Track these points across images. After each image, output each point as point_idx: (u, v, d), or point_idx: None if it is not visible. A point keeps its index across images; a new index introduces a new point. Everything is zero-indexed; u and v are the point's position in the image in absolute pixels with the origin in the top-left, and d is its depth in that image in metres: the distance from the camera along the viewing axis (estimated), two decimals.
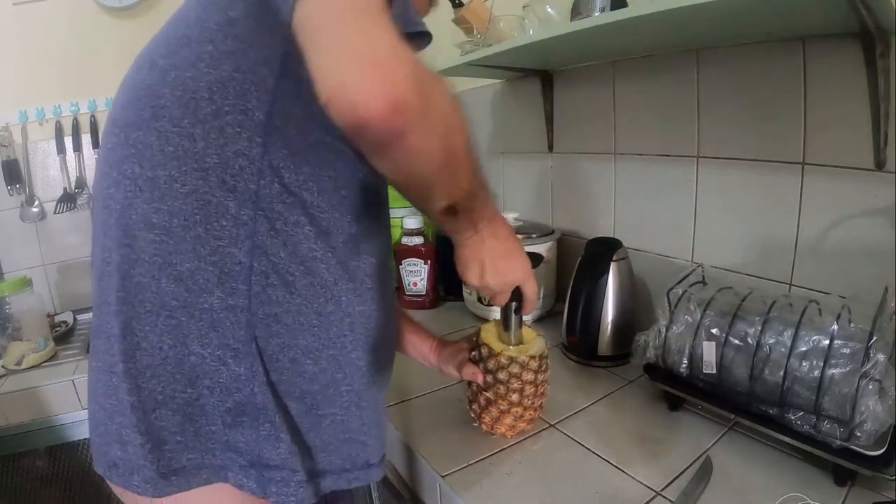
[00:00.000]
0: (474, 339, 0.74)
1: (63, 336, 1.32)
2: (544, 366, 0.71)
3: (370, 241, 0.55)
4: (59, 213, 1.51)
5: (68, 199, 1.51)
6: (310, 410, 0.52)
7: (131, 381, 0.49)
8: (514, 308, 0.69)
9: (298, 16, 0.38)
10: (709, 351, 0.70)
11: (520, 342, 0.71)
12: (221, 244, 0.47)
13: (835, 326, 0.60)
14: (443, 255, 1.29)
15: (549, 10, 0.92)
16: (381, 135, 0.37)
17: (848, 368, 0.58)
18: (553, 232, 1.14)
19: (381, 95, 0.35)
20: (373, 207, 0.55)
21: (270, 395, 0.50)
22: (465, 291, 1.22)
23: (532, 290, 0.65)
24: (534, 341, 0.72)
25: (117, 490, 0.54)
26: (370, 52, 0.35)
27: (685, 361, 0.73)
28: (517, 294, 0.67)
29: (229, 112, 0.46)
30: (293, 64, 0.45)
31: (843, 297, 0.66)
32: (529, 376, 0.69)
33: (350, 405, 0.55)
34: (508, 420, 0.70)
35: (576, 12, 0.82)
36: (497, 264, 0.59)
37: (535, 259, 0.64)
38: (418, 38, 0.47)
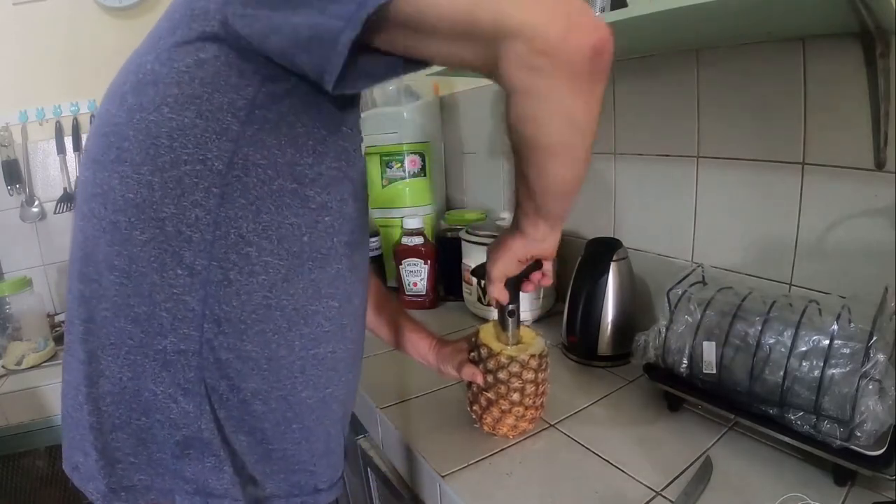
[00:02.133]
0: (473, 339, 0.74)
1: (63, 336, 1.32)
2: (544, 365, 0.71)
3: (333, 286, 0.54)
4: (59, 213, 1.51)
5: (68, 199, 1.51)
6: (259, 443, 0.53)
7: (92, 404, 0.51)
8: (508, 311, 0.69)
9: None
10: (709, 351, 0.70)
11: (518, 342, 0.72)
12: (175, 292, 0.48)
13: (835, 326, 0.60)
14: (443, 255, 1.29)
15: None
16: (609, 61, 0.39)
17: (848, 368, 0.58)
18: None
19: (600, 29, 0.38)
20: (345, 249, 0.54)
21: (217, 430, 0.50)
22: (465, 291, 1.22)
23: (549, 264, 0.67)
24: (533, 341, 0.72)
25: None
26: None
27: (685, 361, 0.73)
28: (515, 295, 0.67)
29: (187, 161, 0.45)
30: (260, 110, 0.46)
31: (843, 297, 0.66)
32: (530, 375, 0.69)
33: (300, 440, 0.55)
34: (510, 420, 0.70)
35: None
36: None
37: (535, 264, 0.65)
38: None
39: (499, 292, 0.65)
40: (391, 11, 0.37)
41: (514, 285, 0.66)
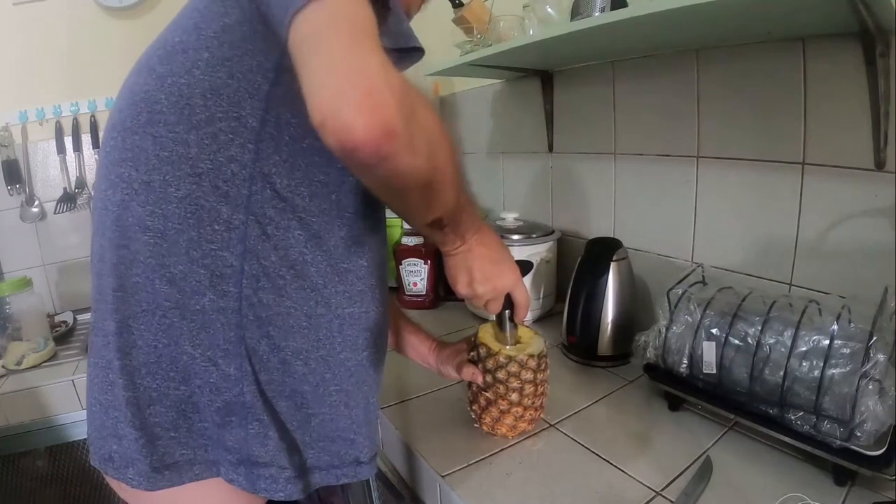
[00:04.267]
0: (472, 339, 0.74)
1: (63, 336, 1.32)
2: (543, 365, 0.71)
3: (362, 244, 0.56)
4: (59, 213, 1.51)
5: (68, 199, 1.51)
6: (299, 409, 0.53)
7: (127, 378, 0.50)
8: (507, 315, 0.69)
9: (293, 38, 0.39)
10: (709, 351, 0.70)
11: (517, 342, 0.71)
12: (213, 248, 0.48)
13: (835, 326, 0.60)
14: (442, 256, 1.29)
15: (549, 10, 0.92)
16: (369, 158, 0.37)
17: (848, 368, 0.58)
18: (553, 232, 1.14)
19: (369, 123, 0.36)
20: (367, 210, 0.56)
21: (259, 394, 0.50)
22: None
23: (522, 296, 0.65)
24: (532, 341, 0.72)
25: (113, 483, 0.55)
26: (360, 80, 0.36)
27: (685, 361, 0.73)
28: (509, 301, 0.66)
29: (222, 118, 0.47)
30: (287, 73, 0.46)
31: (843, 297, 0.66)
32: (529, 375, 0.69)
33: (339, 404, 0.55)
34: (509, 420, 0.70)
35: (576, 12, 0.82)
36: (486, 270, 0.60)
37: (525, 266, 0.64)
38: (412, 52, 0.48)
39: (497, 306, 0.65)
40: None
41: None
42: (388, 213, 0.59)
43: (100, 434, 0.53)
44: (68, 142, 1.49)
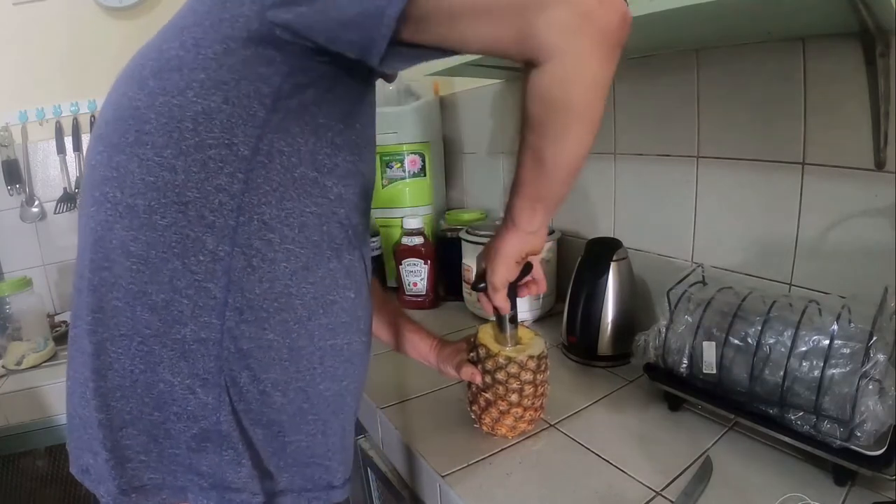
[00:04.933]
0: (472, 339, 0.74)
1: (63, 336, 1.32)
2: (543, 366, 0.71)
3: (349, 276, 0.55)
4: (59, 213, 1.51)
5: (68, 199, 1.51)
6: (275, 437, 0.53)
7: (100, 400, 0.49)
8: (509, 317, 0.68)
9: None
10: (709, 351, 0.70)
11: (517, 343, 0.71)
12: (197, 279, 0.47)
13: (835, 326, 0.60)
14: (443, 256, 1.29)
15: None
16: (612, 37, 0.40)
17: (848, 368, 0.58)
18: (553, 232, 1.14)
19: (623, 4, 0.40)
20: (354, 241, 0.55)
21: (235, 423, 0.50)
22: (465, 291, 1.22)
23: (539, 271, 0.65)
24: (532, 342, 0.72)
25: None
26: None
27: (685, 361, 0.73)
28: (513, 301, 0.66)
29: (213, 145, 0.46)
30: (287, 99, 0.46)
31: (843, 297, 0.66)
32: (528, 376, 0.69)
33: (316, 433, 0.55)
34: (509, 421, 0.70)
35: None
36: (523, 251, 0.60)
37: (525, 267, 0.64)
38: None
39: (503, 300, 0.64)
40: None
41: (511, 291, 0.66)
42: (388, 215, 0.59)
43: (77, 444, 0.53)
44: (68, 142, 1.49)
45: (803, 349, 0.62)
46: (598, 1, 0.39)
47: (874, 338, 0.57)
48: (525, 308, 1.09)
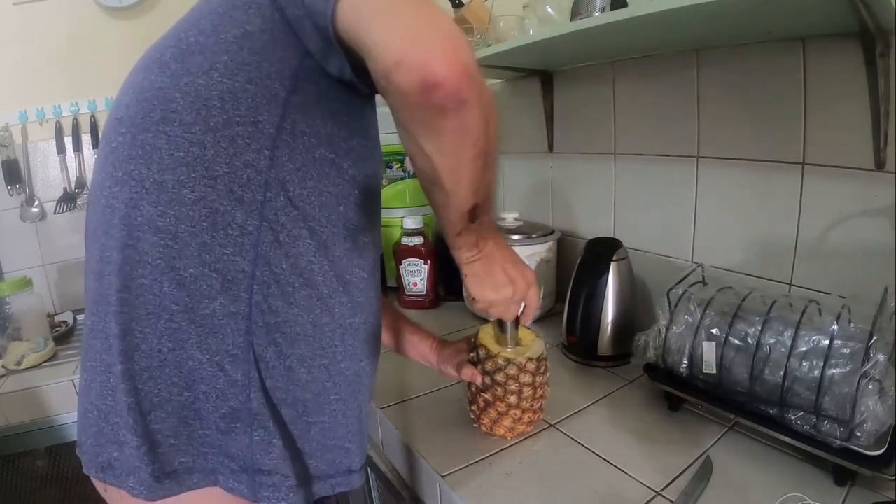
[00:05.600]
0: (473, 340, 0.74)
1: (63, 336, 1.32)
2: (543, 368, 0.71)
3: (363, 257, 0.57)
4: (59, 213, 1.51)
5: (68, 199, 1.51)
6: (300, 417, 0.53)
7: (129, 383, 0.49)
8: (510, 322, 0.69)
9: (345, 5, 0.40)
10: (709, 351, 0.70)
11: (517, 344, 0.71)
12: (226, 252, 0.48)
13: (835, 326, 0.60)
14: (443, 255, 1.29)
15: (549, 10, 0.92)
16: (449, 98, 0.38)
17: (848, 368, 0.58)
18: (553, 232, 1.14)
19: (453, 61, 0.37)
20: (368, 223, 0.56)
21: (265, 401, 0.50)
22: (465, 291, 1.22)
23: (536, 296, 0.65)
24: (532, 343, 0.72)
25: (101, 487, 0.54)
26: (439, 25, 0.38)
27: (685, 361, 0.73)
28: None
29: (240, 123, 0.47)
30: (304, 82, 0.48)
31: (843, 297, 0.66)
32: (527, 378, 0.68)
33: (337, 413, 0.56)
34: (507, 422, 0.70)
35: (576, 12, 0.82)
36: (509, 272, 0.60)
37: None
38: None
39: (517, 309, 0.65)
40: None
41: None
42: (388, 215, 0.60)
43: (97, 441, 0.52)
44: (68, 142, 1.49)
45: (803, 349, 0.62)
46: (396, 57, 0.38)
47: (874, 338, 0.57)
48: None
